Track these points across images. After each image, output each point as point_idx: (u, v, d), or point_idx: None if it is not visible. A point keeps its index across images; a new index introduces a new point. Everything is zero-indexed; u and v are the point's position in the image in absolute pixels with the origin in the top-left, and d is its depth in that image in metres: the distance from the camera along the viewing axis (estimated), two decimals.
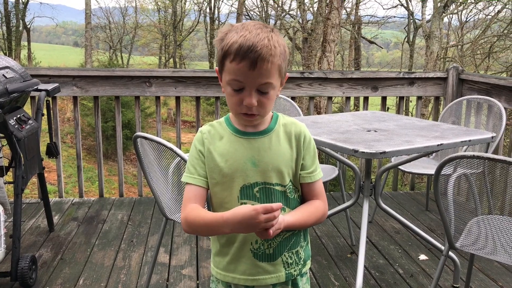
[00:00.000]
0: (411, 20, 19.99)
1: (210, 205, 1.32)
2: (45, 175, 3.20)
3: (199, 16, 27.92)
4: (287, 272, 1.30)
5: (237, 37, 1.14)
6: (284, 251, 1.29)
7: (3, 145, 2.74)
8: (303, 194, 1.31)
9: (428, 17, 16.69)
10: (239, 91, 1.17)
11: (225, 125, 1.28)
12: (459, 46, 16.39)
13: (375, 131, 2.57)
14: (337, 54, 17.61)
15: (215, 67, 1.25)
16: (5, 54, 23.15)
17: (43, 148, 3.10)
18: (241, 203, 1.23)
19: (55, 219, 3.45)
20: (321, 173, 1.31)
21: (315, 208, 1.28)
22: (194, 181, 1.25)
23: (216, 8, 27.04)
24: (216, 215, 1.16)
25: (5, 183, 2.61)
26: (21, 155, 2.61)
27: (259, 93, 1.17)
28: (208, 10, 27.08)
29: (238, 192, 1.23)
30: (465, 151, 3.01)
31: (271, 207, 1.09)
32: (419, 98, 4.23)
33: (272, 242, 1.26)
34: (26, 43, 26.54)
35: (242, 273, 1.28)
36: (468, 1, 15.41)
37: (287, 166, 1.25)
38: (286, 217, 1.19)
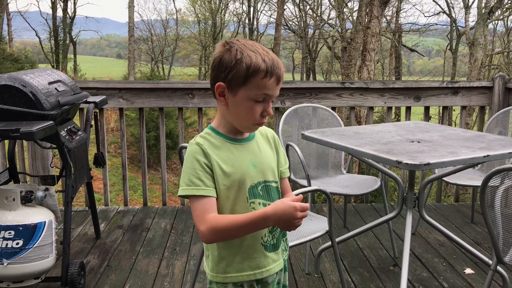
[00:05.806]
0: (454, 27, 19.56)
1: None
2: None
3: (238, 27, 28.29)
4: (283, 258, 1.42)
5: (260, 57, 1.26)
6: (281, 239, 1.41)
7: (54, 155, 2.86)
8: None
9: (471, 24, 16.29)
10: (260, 103, 1.29)
11: (215, 134, 1.34)
12: (505, 53, 15.89)
13: (419, 141, 2.54)
14: (377, 63, 17.40)
15: (219, 83, 1.27)
16: (52, 66, 24.12)
17: (90, 158, 3.22)
18: (250, 203, 1.32)
19: (102, 226, 3.56)
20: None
21: None
22: (206, 192, 1.27)
23: (255, 18, 27.34)
24: (253, 214, 1.22)
25: (56, 192, 2.72)
26: (71, 165, 2.72)
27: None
28: (247, 21, 27.41)
29: (247, 192, 1.32)
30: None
31: (307, 206, 1.22)
32: (463, 107, 4.14)
33: (275, 232, 1.37)
34: (72, 56, 27.61)
35: (255, 268, 1.34)
36: None
37: (275, 164, 1.40)
38: None
